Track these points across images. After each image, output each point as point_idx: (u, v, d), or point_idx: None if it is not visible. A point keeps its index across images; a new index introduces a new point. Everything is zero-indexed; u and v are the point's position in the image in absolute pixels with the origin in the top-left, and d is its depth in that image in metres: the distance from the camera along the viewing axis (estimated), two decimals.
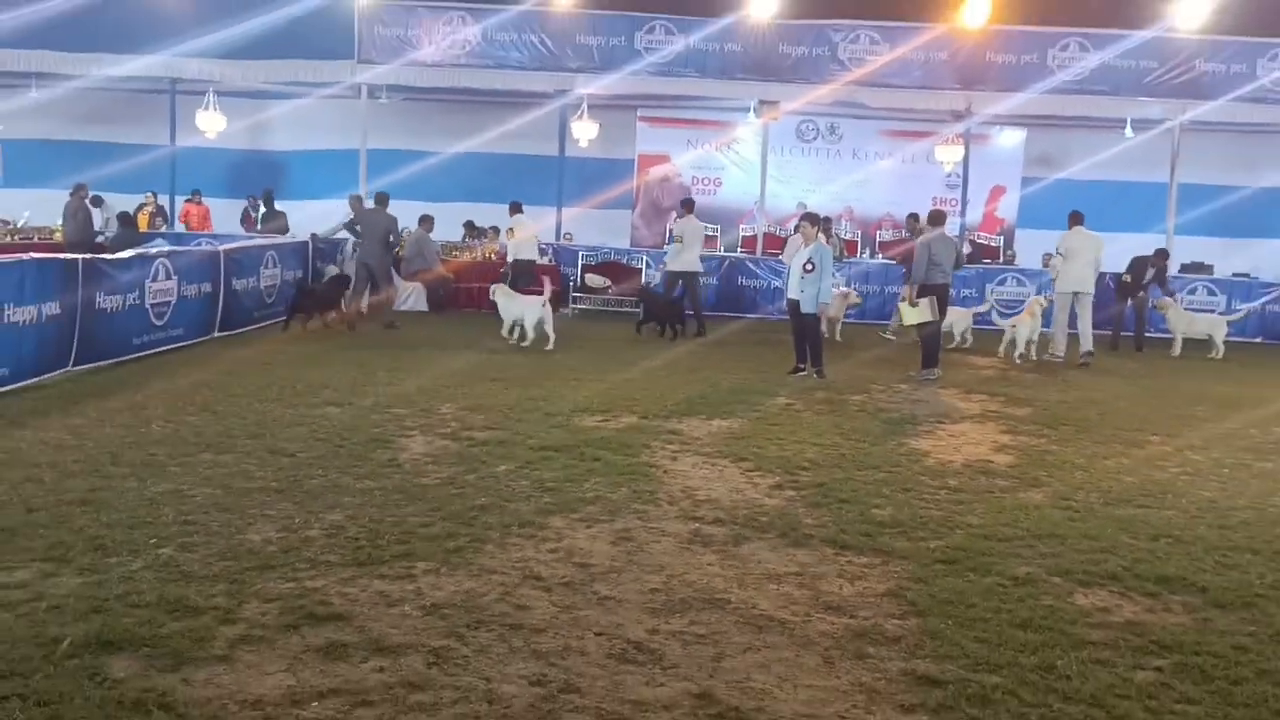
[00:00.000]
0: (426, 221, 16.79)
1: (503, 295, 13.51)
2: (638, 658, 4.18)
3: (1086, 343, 13.92)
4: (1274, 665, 4.34)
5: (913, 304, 12.04)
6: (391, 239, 15.08)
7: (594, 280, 17.70)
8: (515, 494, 6.42)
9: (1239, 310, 17.14)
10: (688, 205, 15.87)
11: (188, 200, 20.09)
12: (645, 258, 18.48)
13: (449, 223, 18.45)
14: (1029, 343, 13.88)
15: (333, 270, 16.36)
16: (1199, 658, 4.38)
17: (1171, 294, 16.38)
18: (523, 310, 13.23)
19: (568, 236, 19.53)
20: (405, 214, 16.17)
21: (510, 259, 16.52)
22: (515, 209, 17.04)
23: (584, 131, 19.38)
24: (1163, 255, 16.50)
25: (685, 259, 15.28)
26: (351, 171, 18.44)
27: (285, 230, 18.28)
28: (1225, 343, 15.34)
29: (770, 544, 5.70)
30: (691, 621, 4.58)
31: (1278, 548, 5.96)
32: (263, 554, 5.13)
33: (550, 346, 12.73)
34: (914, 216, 16.29)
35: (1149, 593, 5.15)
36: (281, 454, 7.14)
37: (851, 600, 4.91)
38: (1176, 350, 15.19)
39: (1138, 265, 16.21)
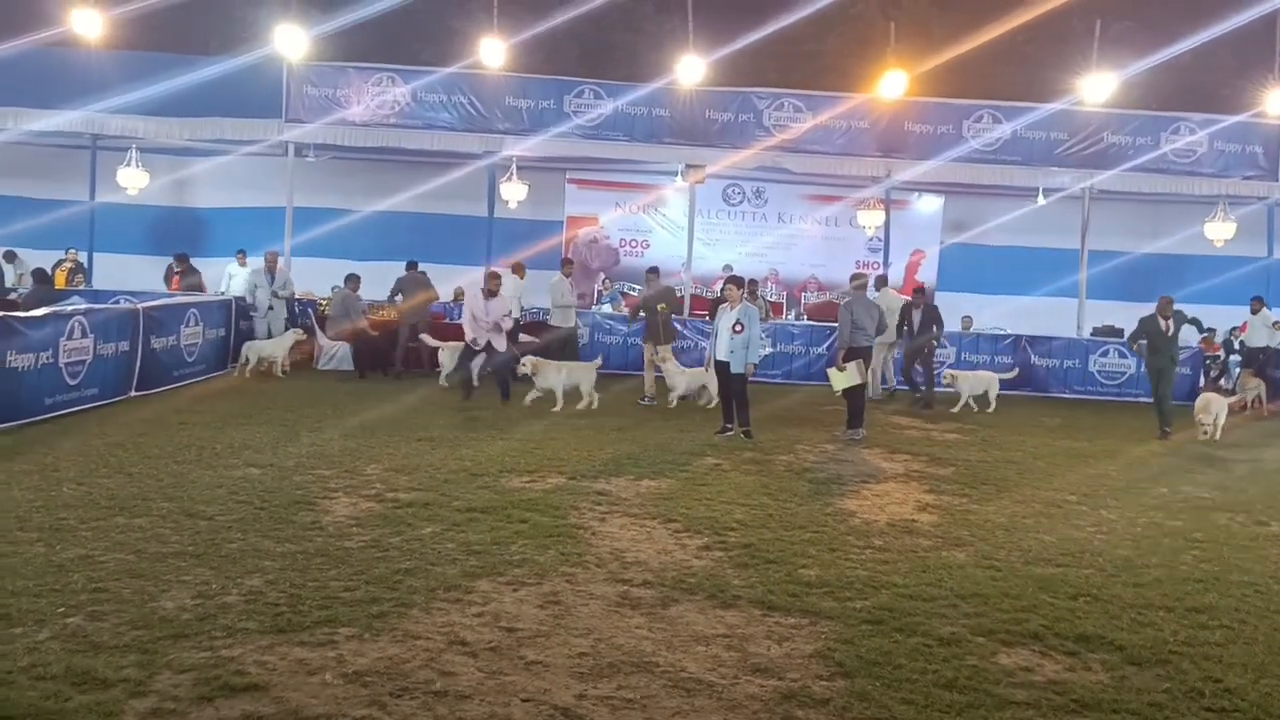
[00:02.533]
0: (353, 280, 16.64)
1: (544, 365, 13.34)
2: None
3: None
4: None
5: (840, 369, 12.27)
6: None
7: (524, 339, 17.66)
8: (441, 557, 6.33)
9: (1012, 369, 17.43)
10: (654, 271, 16.20)
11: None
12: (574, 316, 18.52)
13: (377, 282, 18.32)
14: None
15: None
16: (1117, 716, 4.47)
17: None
18: (576, 378, 13.33)
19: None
20: (333, 273, 16.04)
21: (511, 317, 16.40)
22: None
23: (513, 193, 19.47)
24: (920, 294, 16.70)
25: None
26: (277, 229, 18.24)
27: (201, 288, 17.97)
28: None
29: (699, 605, 5.69)
30: (619, 685, 4.54)
31: (1189, 605, 6.12)
32: (177, 622, 4.98)
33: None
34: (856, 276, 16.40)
35: (1069, 651, 5.24)
36: (199, 517, 6.96)
37: (779, 662, 4.91)
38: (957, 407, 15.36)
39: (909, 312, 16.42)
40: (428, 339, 15.80)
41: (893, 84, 18.50)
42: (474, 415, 12.26)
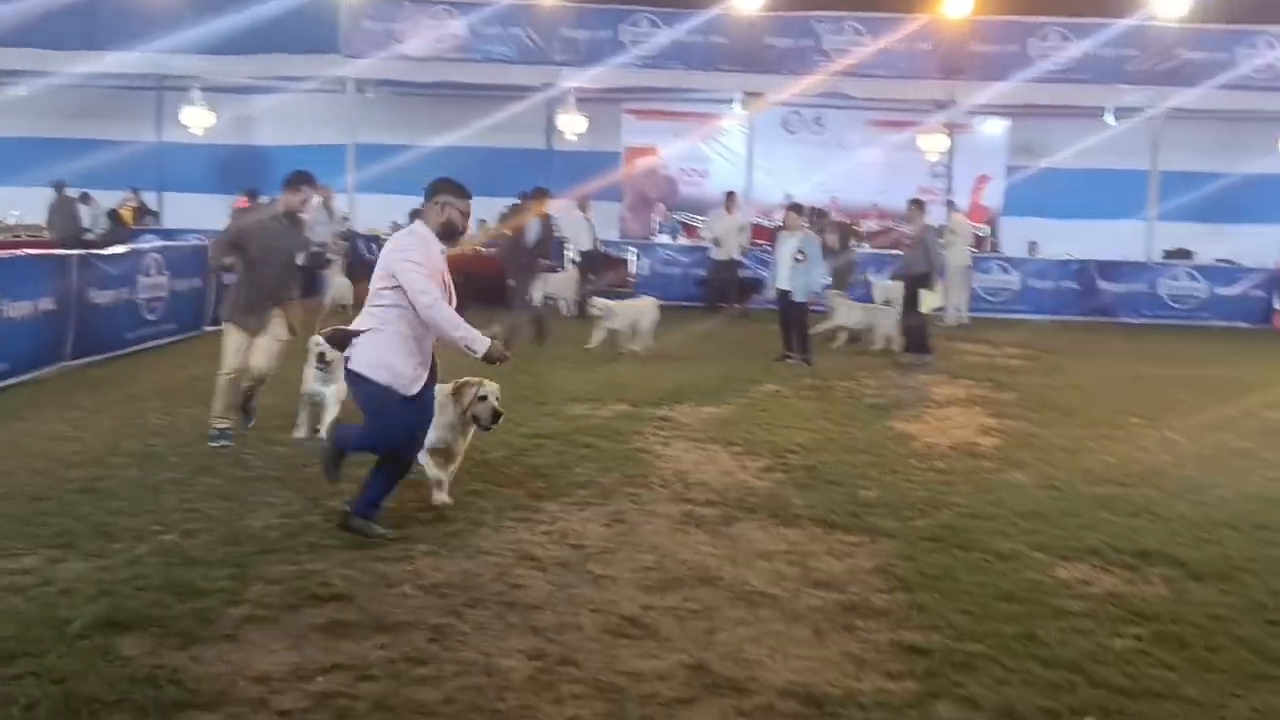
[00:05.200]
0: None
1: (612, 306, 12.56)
2: (632, 632, 4.30)
3: None
4: (1249, 633, 4.49)
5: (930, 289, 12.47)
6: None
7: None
8: (509, 479, 6.53)
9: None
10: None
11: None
12: (632, 249, 18.63)
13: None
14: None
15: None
16: (1176, 626, 4.53)
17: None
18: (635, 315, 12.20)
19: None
20: (396, 209, 16.23)
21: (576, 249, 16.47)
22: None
23: (571, 125, 19.46)
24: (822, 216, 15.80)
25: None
26: (339, 166, 18.48)
27: None
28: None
29: (760, 524, 5.82)
30: (685, 598, 4.70)
31: (1255, 522, 6.12)
32: (264, 539, 5.24)
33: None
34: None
35: (1128, 566, 5.30)
36: (278, 444, 7.24)
37: (840, 576, 5.04)
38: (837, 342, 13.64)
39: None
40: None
41: (956, 2, 18.04)
42: (531, 346, 12.42)
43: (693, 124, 21.84)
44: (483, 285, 13.74)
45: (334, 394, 7.33)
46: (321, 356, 7.31)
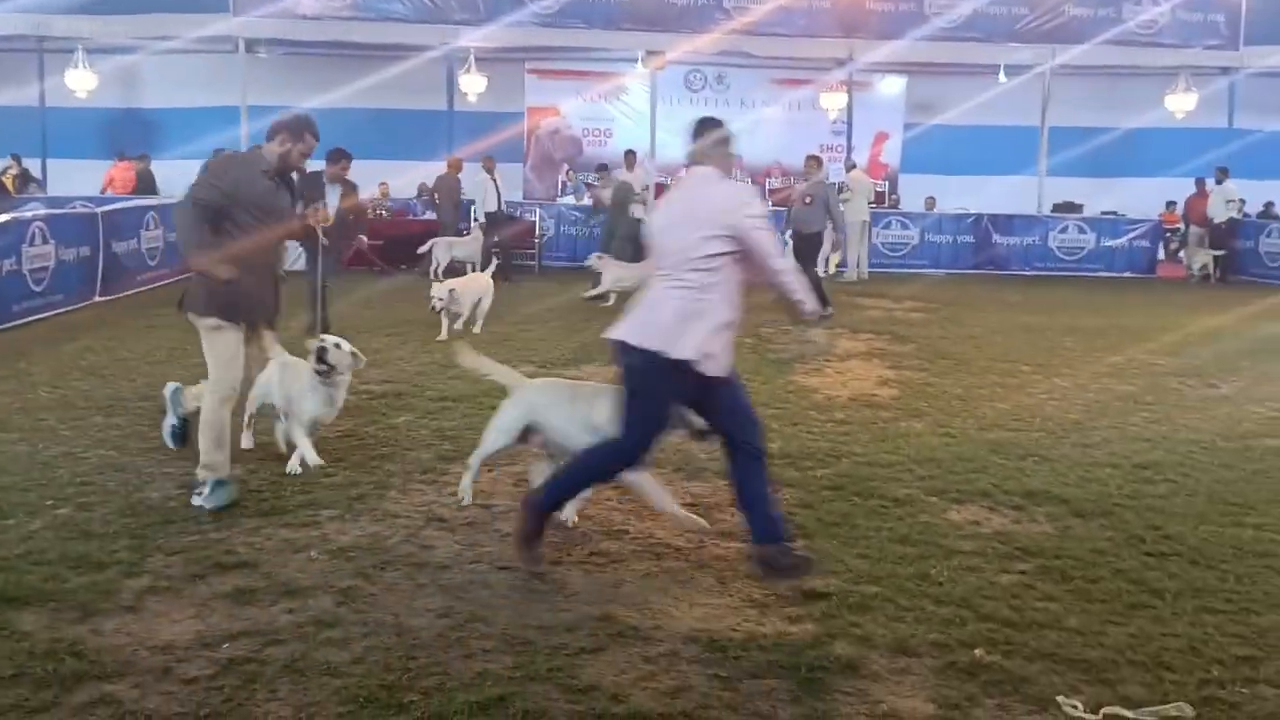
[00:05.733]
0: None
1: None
2: (541, 588, 4.37)
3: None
4: (1127, 565, 4.75)
5: None
6: None
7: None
8: (416, 443, 6.53)
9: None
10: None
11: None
12: (538, 210, 18.55)
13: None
14: None
15: None
16: (1059, 561, 4.76)
17: None
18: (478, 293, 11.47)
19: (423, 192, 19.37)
20: None
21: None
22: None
23: (472, 85, 19.21)
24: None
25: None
26: (231, 129, 17.95)
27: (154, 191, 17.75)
28: None
29: (666, 479, 5.90)
30: (592, 552, 4.79)
31: (1135, 461, 6.44)
32: (163, 510, 5.16)
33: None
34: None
35: (1016, 506, 5.54)
36: None
37: (743, 526, 5.15)
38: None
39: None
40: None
41: None
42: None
43: (595, 83, 21.73)
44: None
45: (332, 413, 5.94)
46: (323, 355, 5.70)
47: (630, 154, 17.65)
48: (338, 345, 5.82)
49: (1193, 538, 5.09)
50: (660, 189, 19.19)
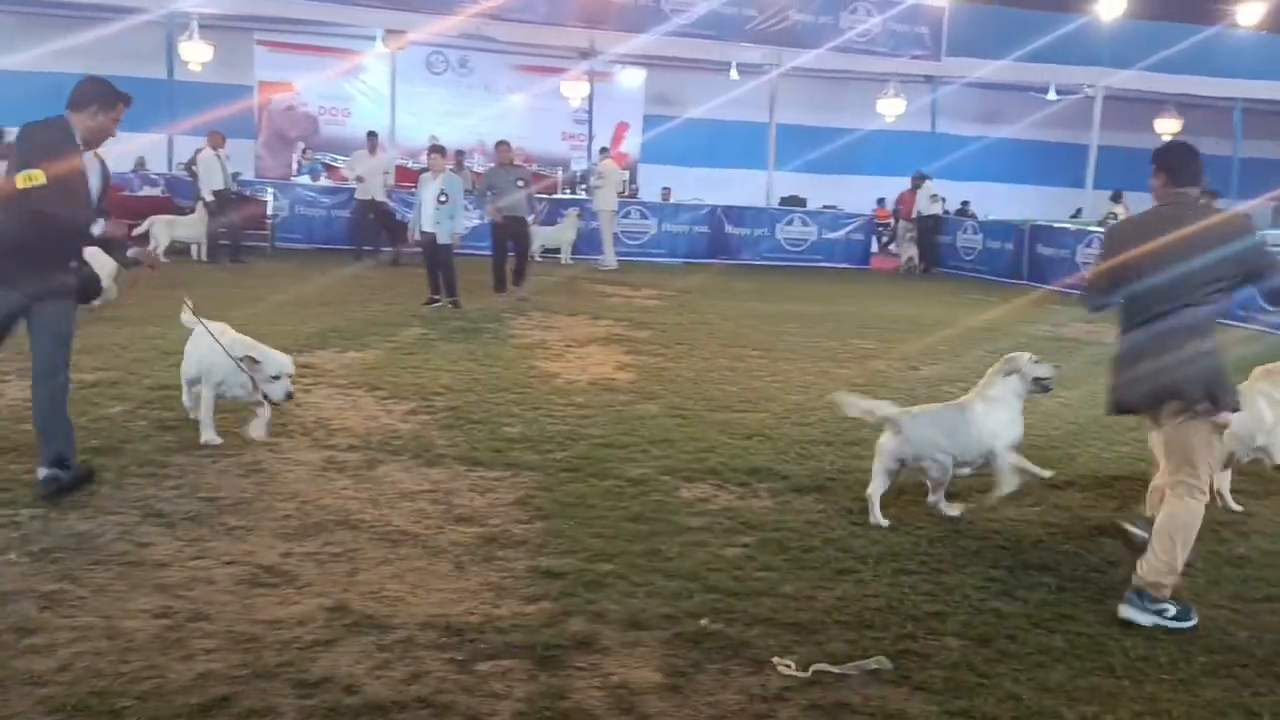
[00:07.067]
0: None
1: None
2: (270, 580, 4.23)
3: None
4: (838, 535, 5.13)
5: None
6: None
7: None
8: (133, 434, 6.13)
9: None
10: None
11: None
12: (271, 189, 17.72)
13: None
14: None
15: None
16: (778, 533, 5.09)
17: None
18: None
19: (181, 166, 18.22)
20: None
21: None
22: None
23: (194, 53, 18.05)
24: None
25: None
26: None
27: None
28: None
29: (404, 466, 5.86)
30: (325, 542, 4.67)
31: (847, 440, 6.94)
32: None
33: None
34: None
35: (741, 483, 5.87)
36: None
37: (482, 511, 5.20)
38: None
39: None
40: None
41: None
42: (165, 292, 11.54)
43: (332, 60, 20.97)
44: None
45: None
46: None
47: (372, 136, 17.20)
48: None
49: (893, 506, 5.56)
50: (401, 171, 18.85)
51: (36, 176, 4.65)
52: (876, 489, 5.37)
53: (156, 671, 3.45)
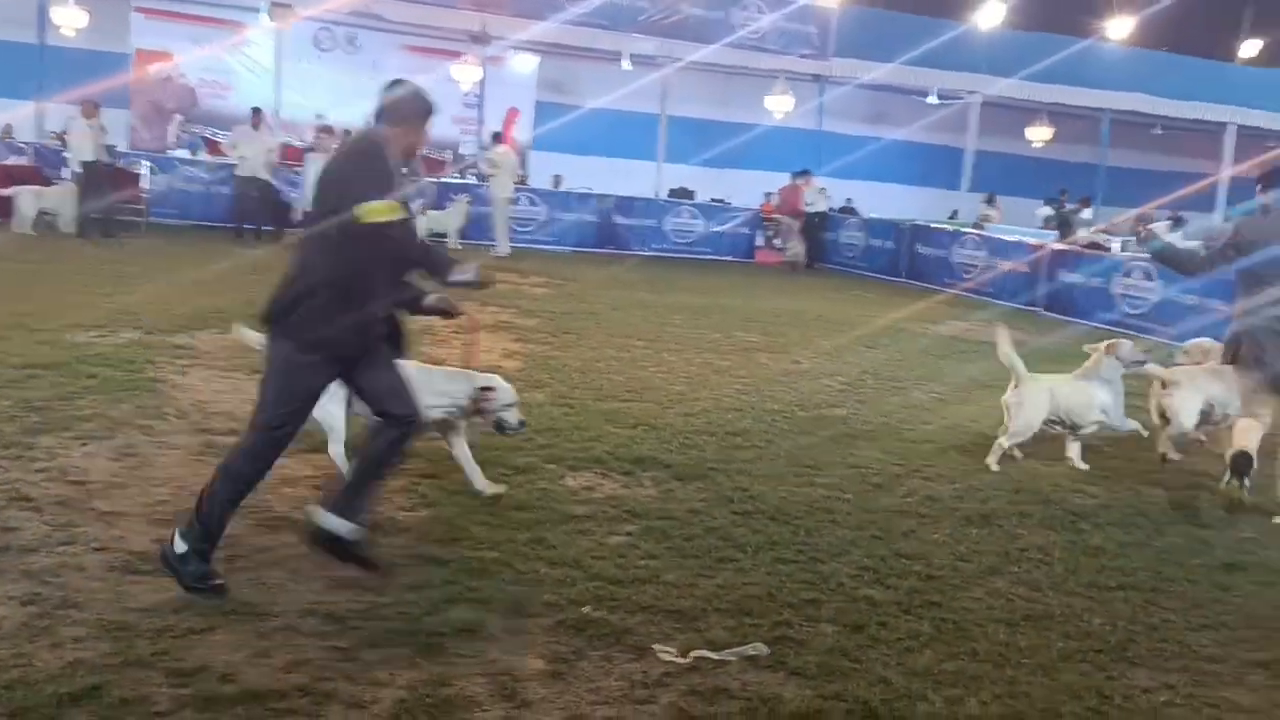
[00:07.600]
0: None
1: None
2: (143, 568, 4.13)
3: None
4: (719, 523, 5.26)
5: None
6: None
7: None
8: None
9: None
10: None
11: None
12: (145, 162, 17.08)
13: None
14: None
15: None
16: (661, 522, 5.20)
17: None
18: None
19: (53, 135, 17.43)
20: None
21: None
22: None
23: (68, 18, 17.26)
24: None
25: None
26: None
27: None
28: None
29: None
30: None
31: (728, 429, 7.10)
32: None
33: None
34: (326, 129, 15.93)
35: (626, 471, 5.95)
36: None
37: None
38: None
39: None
40: None
41: None
42: (33, 267, 11.11)
43: (214, 31, 20.27)
44: None
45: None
46: None
47: (257, 112, 16.74)
48: None
49: (773, 497, 5.73)
50: (288, 149, 18.36)
51: None
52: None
53: (24, 660, 3.36)
